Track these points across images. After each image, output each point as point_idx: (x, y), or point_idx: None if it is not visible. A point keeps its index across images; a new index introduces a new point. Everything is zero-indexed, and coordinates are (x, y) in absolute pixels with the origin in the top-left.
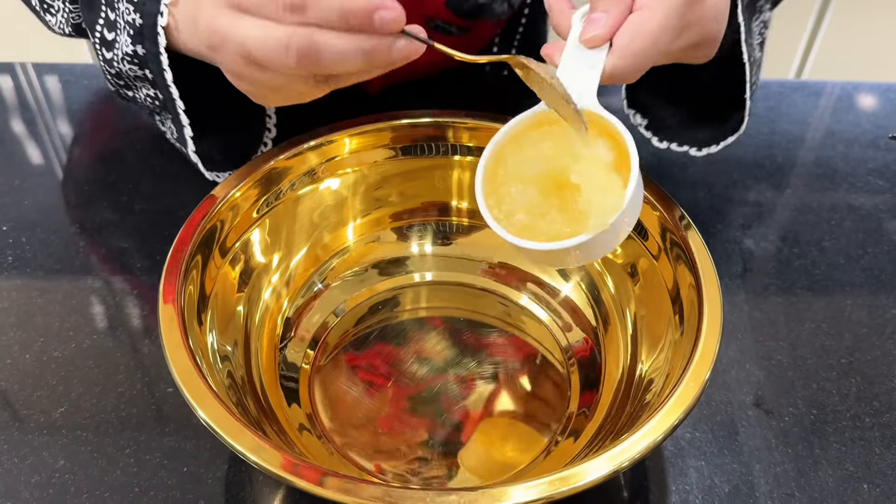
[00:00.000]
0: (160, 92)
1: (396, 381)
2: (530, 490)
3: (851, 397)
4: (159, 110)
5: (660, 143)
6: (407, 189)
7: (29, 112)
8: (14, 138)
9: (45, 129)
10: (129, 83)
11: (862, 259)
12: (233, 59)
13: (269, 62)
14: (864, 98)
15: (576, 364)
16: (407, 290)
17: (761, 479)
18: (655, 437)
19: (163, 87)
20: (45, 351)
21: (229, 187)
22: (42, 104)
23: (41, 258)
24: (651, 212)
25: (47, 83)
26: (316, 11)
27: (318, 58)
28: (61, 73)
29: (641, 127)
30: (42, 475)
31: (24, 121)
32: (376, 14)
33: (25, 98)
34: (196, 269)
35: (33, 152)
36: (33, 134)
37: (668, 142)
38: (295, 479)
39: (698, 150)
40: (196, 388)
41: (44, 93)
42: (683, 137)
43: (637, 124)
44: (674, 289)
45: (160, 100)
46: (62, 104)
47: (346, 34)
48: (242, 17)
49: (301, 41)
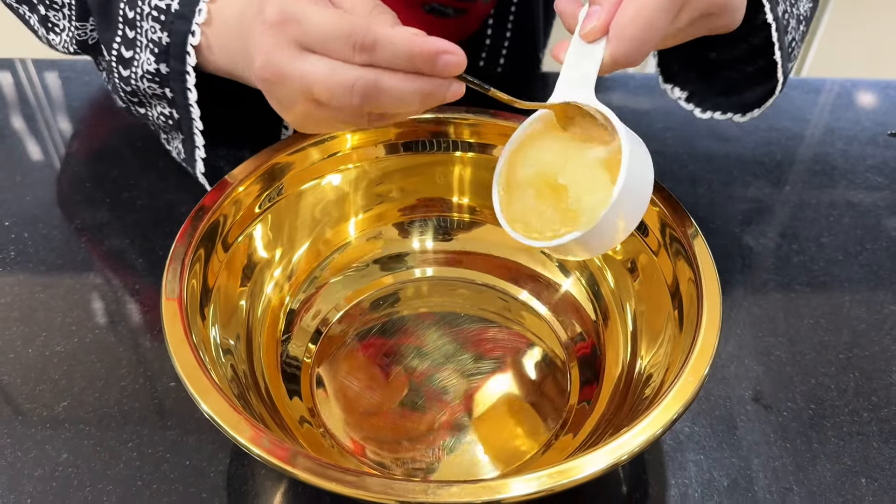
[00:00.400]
0: (177, 111)
1: (397, 376)
2: (530, 483)
3: (850, 392)
4: (169, 129)
5: (702, 114)
6: (408, 185)
7: (29, 108)
8: (14, 134)
9: (46, 126)
10: (145, 101)
11: (861, 255)
12: (291, 96)
13: (332, 101)
14: (863, 95)
15: (575, 359)
16: (408, 286)
17: (760, 473)
18: (654, 430)
19: (182, 107)
20: (48, 345)
21: (232, 182)
22: (42, 100)
23: (43, 253)
24: (651, 208)
25: (47, 79)
26: (384, 53)
27: (379, 98)
28: (62, 69)
29: (682, 100)
30: (45, 469)
31: (25, 117)
32: (441, 58)
33: (26, 94)
34: (199, 264)
35: (34, 148)
36: (34, 130)
37: (711, 111)
38: (297, 471)
39: (742, 116)
40: (199, 382)
41: (44, 89)
42: (726, 104)
43: (677, 97)
44: (673, 284)
45: (174, 119)
46: (62, 100)
47: (410, 76)
48: (308, 55)
49: (367, 83)
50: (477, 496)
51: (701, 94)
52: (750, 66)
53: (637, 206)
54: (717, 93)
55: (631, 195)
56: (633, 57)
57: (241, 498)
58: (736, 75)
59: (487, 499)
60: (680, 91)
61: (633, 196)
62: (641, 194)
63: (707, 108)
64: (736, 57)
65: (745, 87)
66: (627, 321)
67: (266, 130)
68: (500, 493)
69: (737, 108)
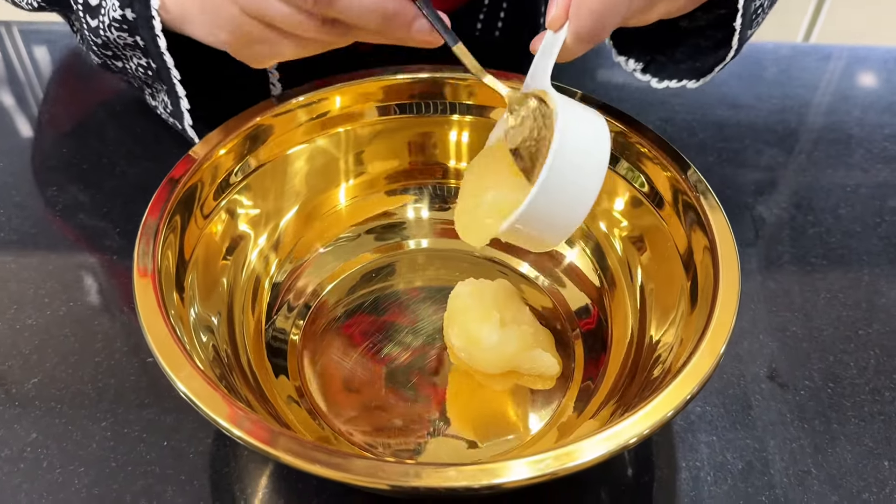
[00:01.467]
0: (153, 60)
1: (390, 353)
2: (531, 466)
3: (870, 370)
4: (152, 81)
5: (658, 84)
6: (402, 149)
7: (11, 72)
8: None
9: (23, 91)
10: (118, 52)
11: (879, 227)
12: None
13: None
14: (878, 63)
15: (580, 335)
16: (402, 257)
17: (776, 456)
18: (666, 412)
19: (155, 55)
20: (18, 318)
21: (211, 144)
22: (16, 66)
23: (16, 222)
24: (661, 172)
25: (27, 44)
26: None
27: None
28: (41, 33)
29: (637, 71)
30: (13, 449)
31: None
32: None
33: (8, 59)
34: (174, 233)
35: (7, 114)
36: (9, 94)
37: (668, 80)
38: (280, 453)
39: (696, 82)
40: (173, 356)
41: (16, 54)
42: (684, 71)
43: (632, 69)
44: (686, 253)
45: (153, 69)
46: (39, 66)
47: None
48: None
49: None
50: (475, 480)
51: (660, 63)
52: (720, 31)
53: (583, 173)
54: (678, 61)
55: (570, 161)
56: (593, 31)
57: (222, 480)
58: (705, 42)
59: (486, 483)
60: (635, 63)
61: (573, 162)
62: (584, 162)
63: (664, 77)
64: (707, 23)
65: (705, 53)
66: (636, 293)
67: (252, 85)
68: (499, 477)
69: (692, 75)
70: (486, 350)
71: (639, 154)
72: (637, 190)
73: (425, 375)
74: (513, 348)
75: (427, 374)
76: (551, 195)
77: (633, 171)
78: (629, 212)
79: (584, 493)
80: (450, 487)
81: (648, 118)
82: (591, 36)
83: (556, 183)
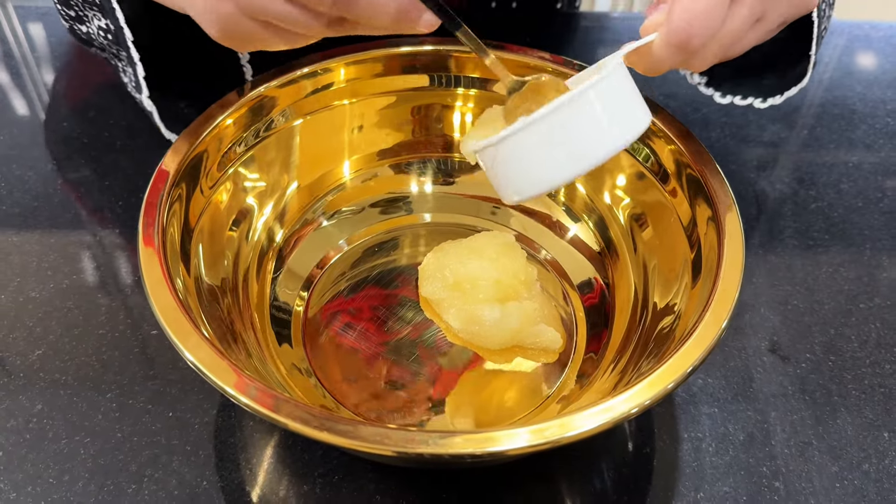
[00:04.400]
0: (109, 20)
1: (394, 326)
2: (534, 434)
3: (871, 343)
4: (116, 49)
5: (722, 99)
6: (406, 123)
7: (6, 46)
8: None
9: (23, 64)
10: (79, 10)
11: (881, 202)
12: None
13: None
14: (882, 39)
15: (583, 308)
16: (406, 232)
17: (777, 427)
18: (667, 383)
19: (109, 11)
20: (22, 291)
21: (217, 115)
22: (21, 39)
23: (17, 195)
24: (665, 146)
25: (23, 21)
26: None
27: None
28: (38, 9)
29: (701, 85)
30: (18, 420)
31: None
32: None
33: (3, 35)
34: (179, 202)
35: (9, 87)
36: (9, 68)
37: (732, 95)
38: (288, 421)
39: (762, 101)
40: (180, 325)
41: (15, 30)
42: (746, 89)
43: (696, 83)
44: (690, 225)
45: (112, 32)
46: (34, 42)
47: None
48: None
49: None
50: (480, 446)
51: (720, 75)
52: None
53: (590, 135)
54: (737, 75)
55: (587, 112)
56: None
57: (227, 451)
58: (755, 55)
59: (491, 449)
60: (699, 76)
61: (590, 115)
62: (597, 126)
63: (726, 91)
64: None
65: (764, 69)
66: (640, 266)
67: (221, 62)
68: (504, 444)
69: (756, 93)
70: (489, 327)
71: None
72: (641, 164)
73: (428, 349)
74: (515, 324)
75: (430, 347)
76: (548, 135)
77: (637, 144)
78: (633, 185)
79: (587, 465)
80: (455, 454)
81: (652, 93)
82: (679, 41)
83: (560, 123)
